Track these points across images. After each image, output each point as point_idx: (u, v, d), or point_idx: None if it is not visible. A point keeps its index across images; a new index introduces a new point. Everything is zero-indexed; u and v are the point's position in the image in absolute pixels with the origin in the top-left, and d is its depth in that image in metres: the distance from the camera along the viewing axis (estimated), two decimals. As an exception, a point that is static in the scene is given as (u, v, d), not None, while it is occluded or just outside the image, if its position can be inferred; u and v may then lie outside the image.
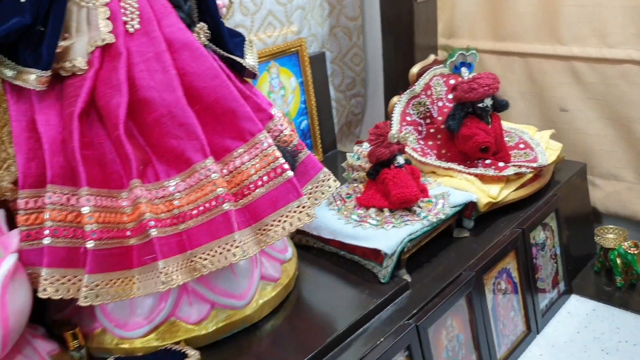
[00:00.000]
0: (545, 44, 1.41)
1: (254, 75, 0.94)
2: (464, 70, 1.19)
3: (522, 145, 1.28)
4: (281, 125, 0.88)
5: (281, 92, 1.40)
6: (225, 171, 0.80)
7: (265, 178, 0.80)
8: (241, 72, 0.93)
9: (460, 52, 1.18)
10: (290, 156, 0.86)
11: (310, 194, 0.88)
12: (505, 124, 1.31)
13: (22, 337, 0.76)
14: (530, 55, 1.45)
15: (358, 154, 1.16)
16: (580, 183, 1.36)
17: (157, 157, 0.77)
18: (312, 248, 1.07)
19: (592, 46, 1.35)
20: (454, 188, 1.12)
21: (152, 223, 0.71)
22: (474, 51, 1.19)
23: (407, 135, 1.06)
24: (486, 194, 1.12)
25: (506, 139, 1.28)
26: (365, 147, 1.17)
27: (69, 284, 0.72)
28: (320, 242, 1.06)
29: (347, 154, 1.18)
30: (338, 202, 1.09)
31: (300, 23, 1.44)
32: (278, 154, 0.80)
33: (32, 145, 0.75)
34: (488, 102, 1.17)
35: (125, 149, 0.73)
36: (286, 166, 0.80)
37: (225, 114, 0.81)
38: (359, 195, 1.09)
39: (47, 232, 0.70)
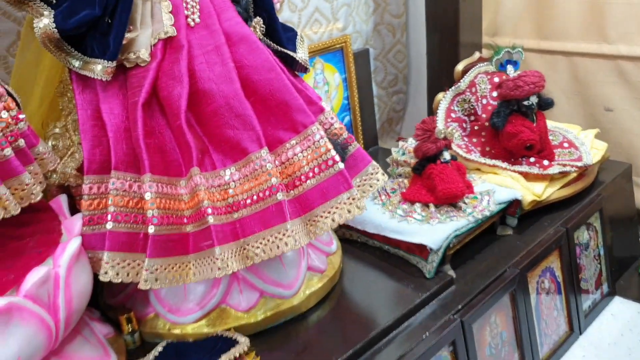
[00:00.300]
0: (591, 43, 1.40)
1: (305, 69, 0.96)
2: (509, 68, 1.19)
3: (566, 144, 1.28)
4: (332, 118, 0.90)
5: (325, 88, 1.42)
6: (277, 162, 0.82)
7: (316, 170, 0.82)
8: (292, 66, 0.95)
9: (506, 49, 1.19)
10: (341, 149, 0.87)
11: (358, 186, 0.89)
12: (550, 123, 1.30)
13: (82, 319, 0.79)
14: (575, 54, 1.44)
15: (403, 149, 1.18)
16: (625, 184, 1.35)
17: (213, 146, 0.80)
18: (356, 242, 1.09)
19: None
20: (498, 185, 1.12)
21: (210, 210, 0.73)
22: (520, 49, 1.19)
23: (454, 131, 1.06)
24: (531, 192, 1.12)
25: (550, 137, 1.27)
26: (410, 142, 1.18)
27: (128, 268, 0.74)
28: (365, 236, 1.07)
29: (392, 149, 1.20)
30: (383, 197, 1.10)
31: (345, 20, 1.45)
32: (329, 146, 0.82)
33: (97, 133, 0.78)
34: (533, 100, 1.17)
35: (186, 137, 0.75)
36: (337, 158, 0.81)
37: (279, 106, 0.83)
38: (403, 190, 1.10)
39: (109, 217, 0.73)
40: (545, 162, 1.18)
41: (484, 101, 1.29)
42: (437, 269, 0.97)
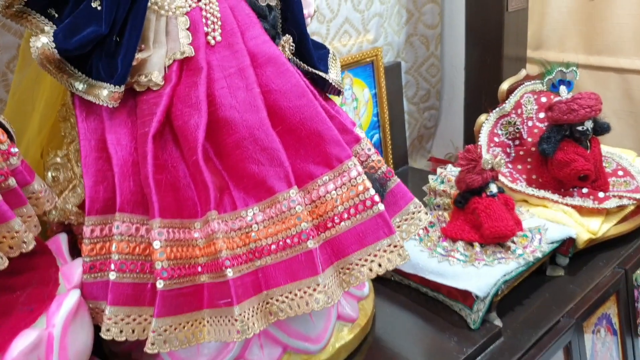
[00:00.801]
0: (646, 60, 1.29)
1: (338, 92, 0.85)
2: (562, 89, 1.07)
3: (620, 173, 1.15)
4: (369, 149, 0.79)
5: (354, 105, 1.31)
6: (307, 200, 0.71)
7: (352, 210, 0.71)
8: (324, 88, 0.84)
9: (559, 68, 1.07)
10: (379, 184, 0.77)
11: (398, 227, 0.78)
12: (603, 148, 1.18)
13: (82, 376, 0.69)
14: (628, 71, 1.32)
15: (442, 177, 1.06)
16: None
17: (235, 182, 0.69)
18: (389, 281, 0.98)
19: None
20: (549, 221, 1.01)
21: (229, 262, 0.63)
22: (574, 68, 1.07)
23: (502, 161, 0.95)
24: (586, 229, 1.01)
25: (603, 164, 1.15)
26: (449, 170, 1.07)
27: (134, 324, 0.64)
28: (399, 276, 0.96)
29: (430, 177, 1.08)
30: (420, 232, 0.99)
31: (376, 31, 1.34)
32: (368, 184, 0.71)
33: (102, 167, 0.68)
34: (588, 125, 1.05)
35: (203, 176, 0.65)
36: (377, 198, 0.71)
37: (311, 136, 0.72)
38: (443, 224, 0.99)
39: (113, 266, 0.63)
40: (601, 194, 1.06)
41: (530, 123, 1.17)
42: (483, 318, 0.86)
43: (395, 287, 0.97)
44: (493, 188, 0.95)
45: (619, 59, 1.31)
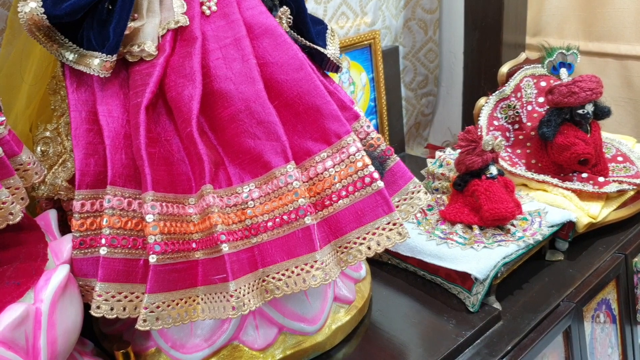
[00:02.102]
0: (647, 46, 1.27)
1: (337, 68, 0.83)
2: (563, 71, 1.05)
3: (620, 158, 1.14)
4: (367, 126, 0.77)
5: (351, 89, 1.29)
6: (304, 177, 0.69)
7: (350, 188, 0.69)
8: (322, 64, 0.82)
9: (560, 51, 1.05)
10: (378, 162, 0.75)
11: (397, 207, 0.76)
12: (602, 134, 1.17)
13: (71, 356, 0.67)
14: (628, 57, 1.30)
15: (440, 161, 1.05)
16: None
17: (230, 158, 0.67)
18: (386, 264, 0.96)
19: None
20: (549, 204, 0.99)
21: (224, 237, 0.61)
22: (575, 51, 1.06)
23: (503, 143, 0.93)
24: (586, 212, 0.99)
25: (603, 149, 1.14)
26: (448, 153, 1.05)
27: (125, 301, 0.62)
28: (397, 259, 0.94)
29: (428, 161, 1.07)
30: (418, 215, 0.97)
31: (374, 14, 1.32)
32: (367, 160, 0.69)
33: (92, 139, 0.66)
34: (589, 108, 1.04)
35: (197, 148, 0.63)
36: (376, 175, 0.69)
37: (309, 111, 0.70)
38: (442, 207, 0.97)
39: (104, 240, 0.61)
40: (600, 179, 1.05)
41: (529, 107, 1.16)
42: (482, 301, 0.84)
43: (392, 270, 0.95)
44: (493, 170, 0.93)
45: (618, 45, 1.29)
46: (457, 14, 1.38)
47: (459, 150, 0.95)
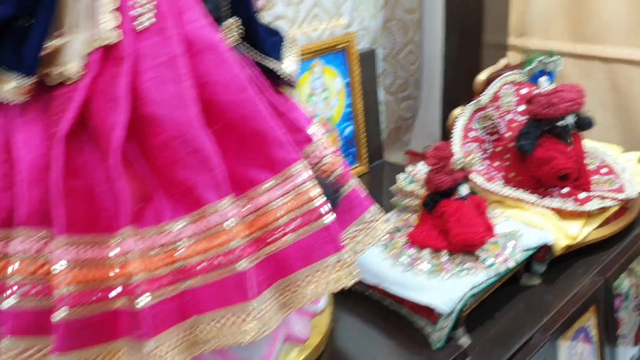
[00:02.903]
0: (635, 48, 1.20)
1: (291, 85, 0.77)
2: (543, 80, 0.99)
3: (604, 170, 1.08)
4: (324, 149, 0.71)
5: (324, 95, 1.23)
6: (250, 208, 0.63)
7: (297, 222, 0.63)
8: (276, 80, 0.76)
9: (540, 58, 0.99)
10: (331, 191, 0.69)
11: (353, 237, 0.71)
12: (585, 143, 1.11)
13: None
14: (615, 60, 1.24)
15: (411, 177, 0.98)
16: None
17: (163, 189, 0.61)
18: (349, 292, 0.90)
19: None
20: (525, 224, 0.93)
21: (144, 287, 0.55)
22: (557, 58, 0.99)
23: (473, 160, 0.87)
24: (564, 233, 0.93)
25: (586, 160, 1.08)
26: (420, 168, 0.99)
27: (38, 356, 0.56)
28: (361, 286, 0.88)
29: (398, 177, 1.00)
30: (385, 237, 0.91)
31: (350, 15, 1.25)
32: (315, 192, 0.63)
33: (7, 171, 0.59)
34: (570, 119, 0.98)
35: (117, 185, 0.56)
36: (324, 209, 0.63)
37: (253, 136, 0.64)
38: (411, 229, 0.91)
39: (12, 290, 0.55)
40: (581, 195, 0.99)
41: (509, 117, 1.09)
42: (449, 335, 0.79)
43: (356, 298, 0.89)
44: (463, 190, 0.87)
45: (606, 48, 1.23)
46: (438, 15, 1.31)
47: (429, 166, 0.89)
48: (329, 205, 0.64)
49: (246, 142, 0.64)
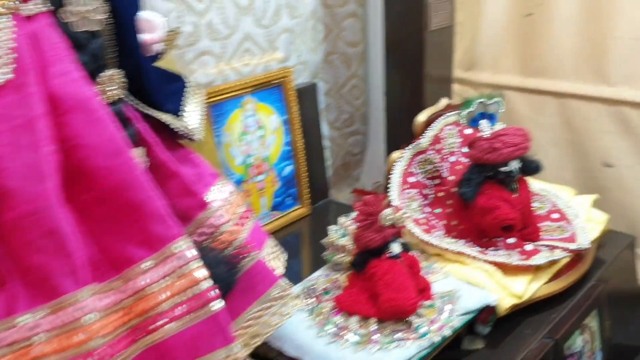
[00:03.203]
0: (587, 84, 1.14)
1: (191, 138, 0.68)
2: (484, 123, 0.91)
3: (555, 215, 1.01)
4: (220, 216, 0.62)
5: (259, 133, 1.14)
6: (124, 294, 0.54)
7: (182, 308, 0.54)
8: (174, 133, 0.67)
9: (480, 100, 0.91)
10: (228, 267, 0.60)
11: (257, 318, 0.62)
12: (536, 184, 1.03)
13: None
14: (568, 95, 1.17)
15: (344, 229, 0.90)
16: (628, 261, 1.08)
17: (15, 275, 0.52)
18: (272, 361, 0.81)
19: (653, 94, 1.07)
20: (466, 281, 0.85)
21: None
22: (498, 99, 0.92)
23: (405, 215, 0.79)
24: (509, 292, 0.85)
25: (535, 204, 1.00)
26: (353, 219, 0.91)
27: None
28: (281, 358, 0.79)
29: (330, 229, 0.92)
30: (312, 300, 0.82)
31: (286, 49, 1.17)
32: (200, 274, 0.54)
33: None
34: (514, 165, 0.90)
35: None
36: (212, 294, 0.54)
37: (129, 208, 0.55)
38: (340, 291, 0.82)
39: None
40: (528, 247, 0.91)
41: (452, 159, 1.01)
42: (375, 417, 0.70)
43: (278, 370, 0.80)
44: (395, 248, 0.79)
45: (557, 82, 1.16)
46: (382, 48, 1.24)
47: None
48: (218, 289, 0.55)
49: (121, 214, 0.55)
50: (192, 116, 0.69)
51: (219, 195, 0.65)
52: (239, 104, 1.10)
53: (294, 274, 1.05)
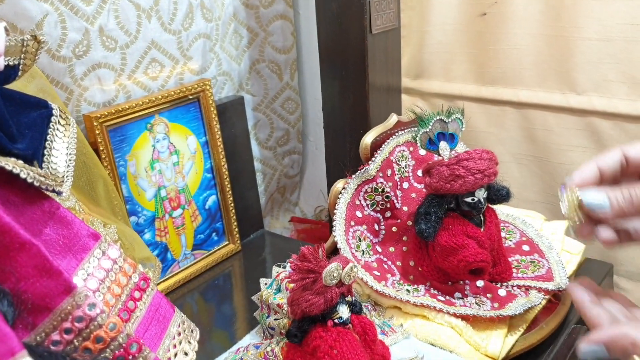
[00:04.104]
0: (552, 92, 1.00)
1: (55, 191, 0.49)
2: (443, 146, 0.76)
3: (526, 247, 0.86)
4: (90, 306, 0.43)
5: (173, 160, 0.95)
6: None
7: None
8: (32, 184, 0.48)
9: (438, 117, 0.75)
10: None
11: None
12: (500, 210, 0.89)
13: None
14: (529, 105, 1.03)
15: (279, 283, 0.72)
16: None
17: None
18: None
19: (621, 98, 0.94)
20: (430, 342, 0.69)
21: None
22: (458, 116, 0.76)
23: (356, 269, 0.62)
24: (483, 352, 0.69)
25: (502, 234, 0.86)
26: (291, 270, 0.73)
27: None
28: None
29: (262, 282, 0.74)
30: (238, 383, 0.64)
31: (203, 57, 0.99)
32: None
33: None
34: (480, 194, 0.75)
35: None
36: None
37: None
38: (272, 368, 0.64)
39: None
40: (502, 292, 0.76)
41: (405, 185, 0.86)
42: None
43: None
44: (343, 312, 0.61)
45: (518, 91, 1.02)
46: (317, 53, 1.07)
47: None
48: None
49: None
50: (58, 159, 0.50)
51: (97, 269, 0.46)
52: (146, 126, 0.90)
53: (221, 331, 0.87)
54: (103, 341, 0.42)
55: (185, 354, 0.54)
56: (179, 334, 0.54)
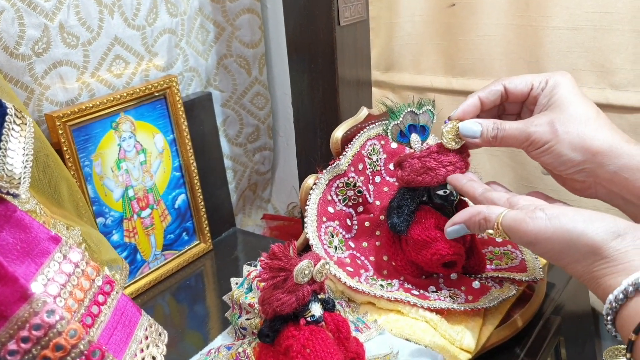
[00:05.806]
0: (521, 82, 1.00)
1: (11, 194, 0.47)
2: (415, 138, 0.75)
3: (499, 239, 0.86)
4: (48, 313, 0.41)
5: (140, 159, 0.92)
6: None
7: None
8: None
9: (409, 110, 0.74)
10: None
11: None
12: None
13: None
14: (499, 96, 1.03)
15: (250, 282, 0.71)
16: (580, 284, 0.96)
17: None
18: None
19: (590, 86, 0.94)
20: (405, 337, 0.69)
21: None
22: (429, 108, 0.75)
23: (328, 266, 0.61)
24: (458, 345, 0.69)
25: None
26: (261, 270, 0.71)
27: None
28: None
29: (232, 282, 0.73)
30: (210, 384, 0.63)
31: (168, 53, 0.96)
32: None
33: None
34: (452, 187, 0.74)
35: None
36: None
37: None
38: (245, 370, 0.63)
39: None
40: (476, 284, 0.75)
41: (378, 179, 0.85)
42: None
43: None
44: (316, 310, 0.60)
45: (487, 82, 1.01)
46: (286, 47, 1.06)
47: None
48: None
49: None
50: (13, 160, 0.47)
51: (57, 274, 0.44)
52: (111, 124, 0.88)
53: (194, 332, 0.86)
54: (63, 349, 0.41)
55: (153, 358, 0.52)
56: (146, 338, 0.53)
